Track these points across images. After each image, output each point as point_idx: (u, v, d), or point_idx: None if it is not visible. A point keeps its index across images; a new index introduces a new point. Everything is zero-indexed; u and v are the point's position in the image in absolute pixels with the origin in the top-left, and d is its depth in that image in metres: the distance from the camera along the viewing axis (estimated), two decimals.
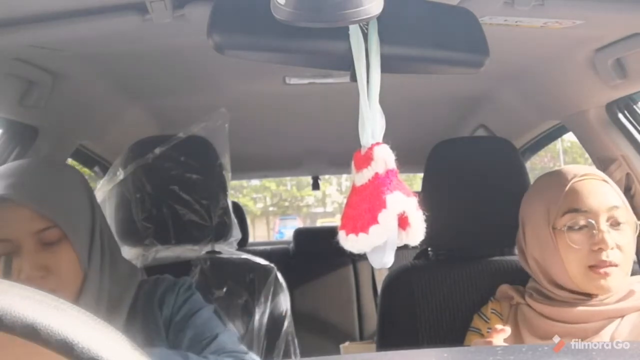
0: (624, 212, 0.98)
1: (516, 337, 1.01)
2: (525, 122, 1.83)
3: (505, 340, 0.88)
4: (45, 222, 0.84)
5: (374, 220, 0.59)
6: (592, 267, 0.95)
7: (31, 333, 0.32)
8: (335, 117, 1.74)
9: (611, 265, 0.94)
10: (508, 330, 0.88)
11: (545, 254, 1.02)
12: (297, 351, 1.30)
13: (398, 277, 1.29)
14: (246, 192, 18.13)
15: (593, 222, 0.96)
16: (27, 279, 0.83)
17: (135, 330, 0.93)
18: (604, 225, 0.95)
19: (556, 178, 1.03)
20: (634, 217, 0.99)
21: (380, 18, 0.59)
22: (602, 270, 0.94)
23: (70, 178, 0.94)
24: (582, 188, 0.99)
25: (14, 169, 0.89)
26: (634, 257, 0.98)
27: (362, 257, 0.63)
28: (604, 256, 0.94)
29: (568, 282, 0.99)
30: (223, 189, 1.30)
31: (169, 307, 0.97)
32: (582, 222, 0.97)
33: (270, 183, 18.15)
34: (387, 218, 0.59)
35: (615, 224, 0.96)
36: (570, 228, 0.98)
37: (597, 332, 0.94)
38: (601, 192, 0.98)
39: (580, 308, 0.96)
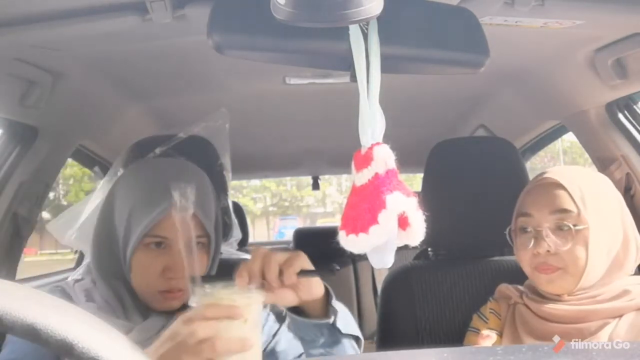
0: (576, 216, 0.96)
1: (514, 337, 1.01)
2: (525, 122, 1.83)
3: (504, 340, 0.88)
4: (201, 230, 0.89)
5: (374, 221, 0.59)
6: (536, 267, 0.99)
7: (31, 333, 0.32)
8: (335, 117, 1.74)
9: (550, 268, 0.97)
10: (493, 336, 0.91)
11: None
12: None
13: (398, 277, 1.29)
14: (246, 192, 18.11)
15: (534, 226, 0.99)
16: (177, 278, 0.87)
17: None
18: (545, 230, 0.97)
19: (530, 181, 1.08)
20: (588, 223, 0.96)
21: (380, 18, 0.59)
22: (543, 271, 0.98)
23: (210, 186, 0.98)
24: (533, 192, 1.02)
25: (174, 172, 0.92)
26: (594, 260, 0.95)
27: (362, 257, 0.63)
28: (541, 259, 0.98)
29: None
30: (223, 189, 1.30)
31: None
32: (527, 226, 1.01)
33: (270, 183, 18.14)
34: (387, 218, 0.59)
35: (560, 228, 0.97)
36: (521, 230, 1.02)
37: (594, 333, 0.94)
38: (549, 197, 0.99)
39: (575, 307, 0.97)
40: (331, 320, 0.83)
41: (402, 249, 0.64)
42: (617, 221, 0.99)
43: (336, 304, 0.85)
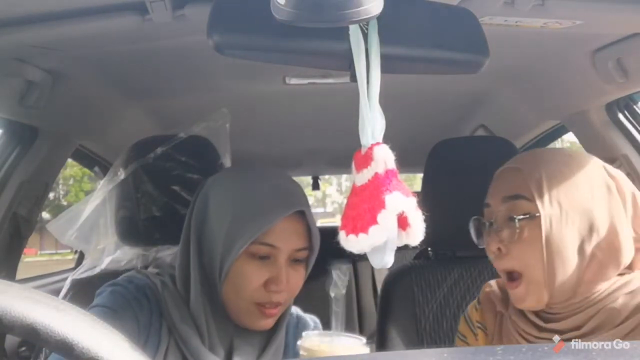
0: (527, 204, 0.80)
1: None
2: (525, 122, 1.83)
3: None
4: (306, 242, 0.88)
5: (373, 221, 0.59)
6: (504, 279, 0.84)
7: (31, 333, 0.32)
8: (335, 117, 1.74)
9: (514, 282, 0.82)
10: None
11: None
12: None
13: (398, 277, 1.29)
14: None
15: (489, 219, 0.86)
16: (280, 291, 0.85)
17: None
18: (499, 219, 0.83)
19: None
20: (540, 211, 0.79)
21: (380, 18, 0.59)
22: (508, 285, 0.82)
23: None
24: (494, 179, 0.89)
25: (283, 180, 0.91)
26: (557, 260, 0.78)
27: (362, 257, 0.63)
28: (498, 259, 0.83)
29: None
30: None
31: None
32: (485, 219, 0.87)
33: None
34: (386, 218, 0.59)
35: (511, 218, 0.81)
36: (483, 226, 0.88)
37: None
38: (504, 182, 0.85)
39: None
40: None
41: (402, 249, 0.64)
42: (599, 210, 0.79)
43: None
